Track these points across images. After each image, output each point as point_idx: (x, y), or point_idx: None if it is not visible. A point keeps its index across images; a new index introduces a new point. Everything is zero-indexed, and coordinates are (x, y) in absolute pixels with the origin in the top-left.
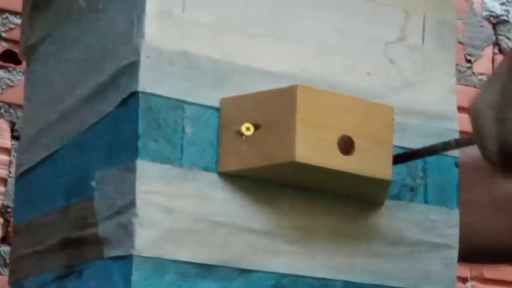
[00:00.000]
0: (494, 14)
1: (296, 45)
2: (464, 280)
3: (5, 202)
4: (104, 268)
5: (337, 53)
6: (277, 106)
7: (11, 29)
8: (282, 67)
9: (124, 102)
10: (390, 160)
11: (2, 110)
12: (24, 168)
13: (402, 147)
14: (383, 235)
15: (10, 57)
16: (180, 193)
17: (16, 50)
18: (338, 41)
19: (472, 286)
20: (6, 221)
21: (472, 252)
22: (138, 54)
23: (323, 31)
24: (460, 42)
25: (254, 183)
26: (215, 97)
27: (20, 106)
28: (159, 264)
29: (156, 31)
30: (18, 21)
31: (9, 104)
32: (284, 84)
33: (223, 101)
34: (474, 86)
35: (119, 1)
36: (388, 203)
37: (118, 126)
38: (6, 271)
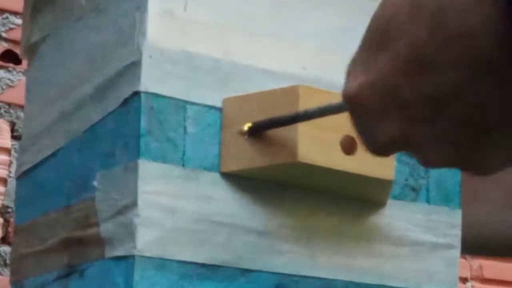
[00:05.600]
0: None
1: (297, 44)
2: (464, 280)
3: (5, 202)
4: (106, 268)
5: (338, 52)
6: (279, 106)
7: (11, 29)
8: (283, 67)
9: (126, 101)
10: (392, 160)
11: (2, 110)
12: (25, 167)
13: None
14: (385, 235)
15: (10, 57)
16: (182, 193)
17: (16, 50)
18: (339, 41)
19: (472, 286)
20: (6, 221)
21: (486, 246)
22: (140, 53)
23: (324, 31)
24: None
25: (256, 183)
26: (217, 97)
27: (20, 106)
28: (161, 264)
29: (158, 31)
30: (18, 21)
31: (9, 104)
32: (285, 83)
33: (225, 101)
34: None
35: (120, 1)
36: (390, 203)
37: (120, 125)
38: (6, 271)
